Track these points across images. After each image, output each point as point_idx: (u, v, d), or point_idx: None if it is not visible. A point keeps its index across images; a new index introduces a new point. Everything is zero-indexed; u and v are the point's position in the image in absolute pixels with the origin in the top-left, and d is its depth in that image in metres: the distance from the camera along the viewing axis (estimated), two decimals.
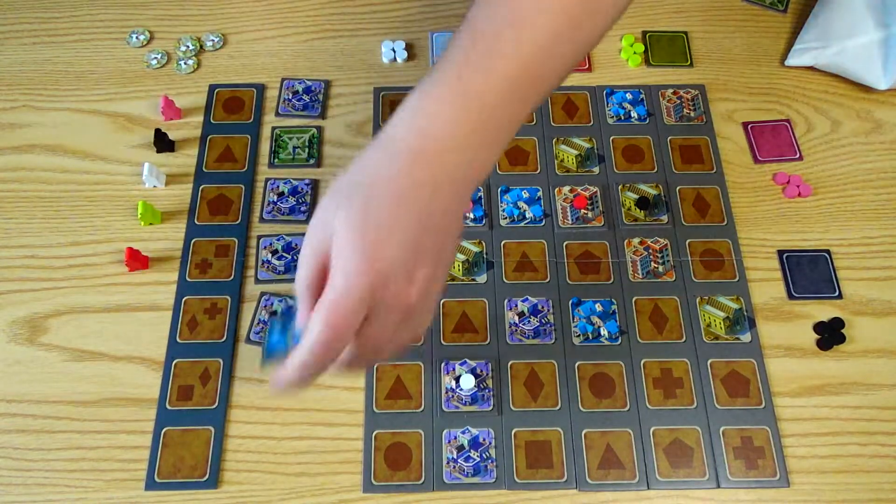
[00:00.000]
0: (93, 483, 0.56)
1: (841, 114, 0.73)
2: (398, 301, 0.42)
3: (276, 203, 0.68)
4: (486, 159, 0.46)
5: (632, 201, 0.67)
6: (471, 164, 0.44)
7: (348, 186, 0.44)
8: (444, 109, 0.44)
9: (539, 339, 0.61)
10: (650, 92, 0.74)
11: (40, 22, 0.79)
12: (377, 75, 0.76)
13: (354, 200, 0.43)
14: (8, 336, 0.61)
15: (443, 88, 0.45)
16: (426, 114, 0.45)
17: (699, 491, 0.56)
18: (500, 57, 0.44)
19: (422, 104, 0.45)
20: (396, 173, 0.43)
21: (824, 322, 0.62)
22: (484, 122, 0.44)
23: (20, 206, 0.68)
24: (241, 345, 0.61)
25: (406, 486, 0.55)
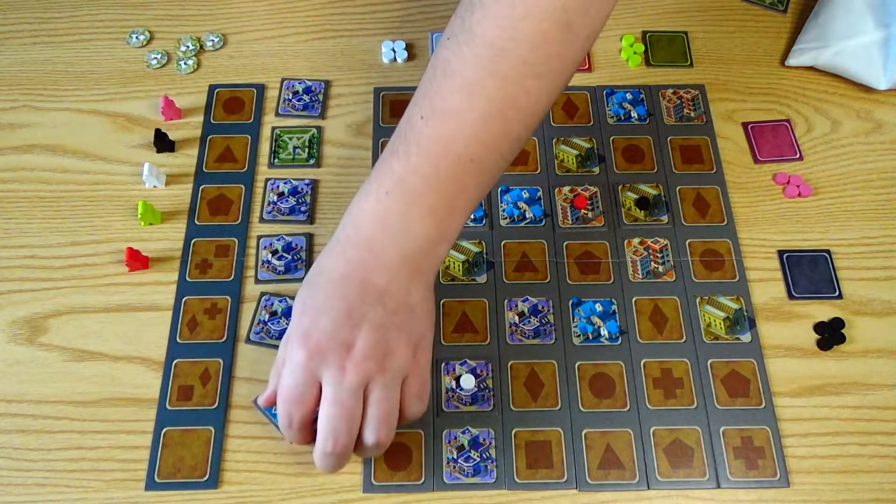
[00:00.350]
0: (93, 483, 0.56)
1: (841, 114, 0.73)
2: (342, 362, 0.48)
3: (276, 203, 0.68)
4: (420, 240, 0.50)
5: (632, 201, 0.67)
6: (403, 242, 0.50)
7: (305, 281, 0.52)
8: (368, 199, 0.51)
9: (539, 339, 0.61)
10: (650, 92, 0.74)
11: (40, 22, 0.79)
12: (377, 75, 0.76)
13: (304, 290, 0.52)
14: (8, 336, 0.61)
15: (380, 173, 0.51)
16: (357, 208, 0.51)
17: (699, 491, 0.56)
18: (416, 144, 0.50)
19: (356, 201, 0.52)
20: (332, 264, 0.51)
21: (824, 322, 0.62)
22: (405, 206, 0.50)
23: (20, 206, 0.68)
24: (241, 345, 0.61)
25: (406, 486, 0.55)
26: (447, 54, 0.51)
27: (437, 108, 0.50)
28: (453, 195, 0.50)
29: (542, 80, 0.51)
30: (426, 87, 0.51)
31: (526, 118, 0.51)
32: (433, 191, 0.50)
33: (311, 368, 0.49)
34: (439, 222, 0.51)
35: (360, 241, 0.50)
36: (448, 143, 0.50)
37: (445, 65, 0.50)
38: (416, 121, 0.50)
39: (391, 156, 0.51)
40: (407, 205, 0.50)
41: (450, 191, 0.50)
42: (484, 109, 0.49)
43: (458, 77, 0.50)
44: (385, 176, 0.51)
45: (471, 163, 0.50)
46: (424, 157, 0.50)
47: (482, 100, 0.49)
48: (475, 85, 0.49)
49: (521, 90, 0.50)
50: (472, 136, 0.50)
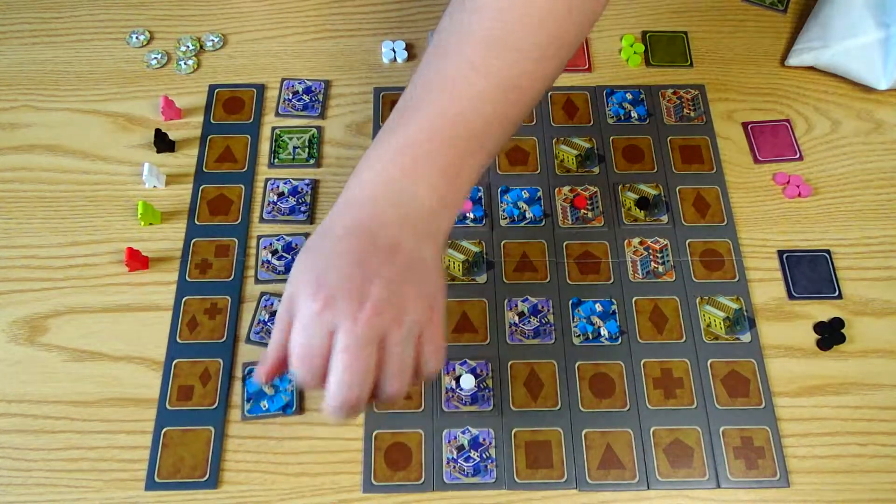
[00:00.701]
0: (93, 483, 0.56)
1: (841, 114, 0.73)
2: (354, 315, 0.45)
3: (276, 203, 0.68)
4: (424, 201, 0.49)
5: (632, 201, 0.67)
6: (407, 204, 0.49)
7: (305, 246, 0.50)
8: (369, 170, 0.50)
9: (539, 339, 0.61)
10: (650, 92, 0.74)
11: (40, 22, 0.79)
12: (377, 75, 0.76)
13: (304, 254, 0.49)
14: (8, 336, 0.61)
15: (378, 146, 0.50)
16: (363, 166, 0.50)
17: (699, 491, 0.56)
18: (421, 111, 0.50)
19: (355, 172, 0.50)
20: (335, 221, 0.49)
21: (824, 322, 0.62)
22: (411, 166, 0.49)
23: (20, 206, 0.68)
24: (241, 345, 0.61)
25: (406, 486, 0.55)
26: (444, 33, 0.51)
27: (436, 82, 0.50)
28: (458, 160, 0.50)
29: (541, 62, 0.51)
30: (424, 67, 0.52)
31: (527, 96, 0.52)
32: (437, 154, 0.49)
33: (325, 320, 0.45)
34: (444, 187, 0.50)
35: (364, 201, 0.49)
36: (446, 114, 0.50)
37: (445, 40, 0.51)
38: (418, 92, 0.51)
39: (391, 127, 0.51)
40: (408, 172, 0.49)
41: (454, 155, 0.50)
42: (483, 84, 0.50)
43: (456, 55, 0.50)
44: (390, 140, 0.50)
45: (470, 135, 0.50)
46: (424, 128, 0.49)
47: (483, 76, 0.50)
48: (474, 58, 0.50)
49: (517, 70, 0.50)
50: (471, 108, 0.50)
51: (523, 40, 0.50)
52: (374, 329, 0.46)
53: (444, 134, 0.50)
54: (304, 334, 0.46)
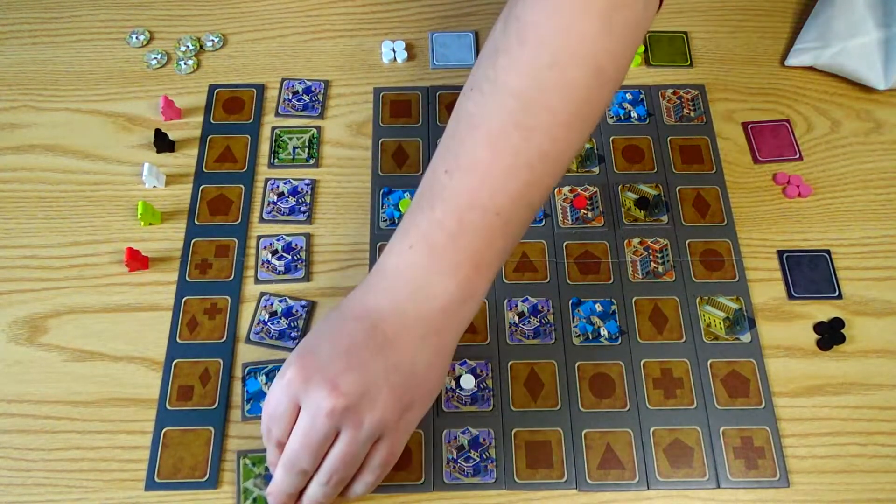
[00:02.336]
0: (93, 483, 0.56)
1: (841, 114, 0.73)
2: (321, 399, 0.46)
3: (276, 203, 0.68)
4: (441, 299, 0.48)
5: (632, 201, 0.67)
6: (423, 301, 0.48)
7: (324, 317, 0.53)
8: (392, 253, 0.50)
9: (539, 339, 0.61)
10: (650, 92, 0.74)
11: (40, 22, 0.79)
12: (377, 75, 0.76)
13: (318, 324, 0.52)
14: (8, 336, 0.61)
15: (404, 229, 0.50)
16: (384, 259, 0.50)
17: (699, 491, 0.56)
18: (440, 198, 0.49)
19: (384, 252, 0.51)
20: (352, 302, 0.50)
21: (824, 322, 0.62)
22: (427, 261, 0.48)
23: (20, 206, 0.68)
24: (241, 345, 0.61)
25: (406, 486, 0.55)
26: (470, 106, 0.49)
27: (462, 162, 0.48)
28: (479, 250, 0.48)
29: (571, 129, 0.48)
30: (449, 141, 0.49)
31: (554, 167, 0.49)
32: (457, 246, 0.48)
33: (295, 391, 0.47)
34: (464, 279, 0.48)
35: (380, 290, 0.49)
36: (472, 196, 0.48)
37: (469, 117, 0.49)
38: (441, 175, 0.49)
39: (416, 209, 0.49)
40: (430, 259, 0.48)
41: (475, 246, 0.48)
42: (510, 161, 0.47)
43: (483, 129, 0.48)
44: (410, 229, 0.49)
45: (497, 216, 0.48)
46: (448, 212, 0.48)
47: (508, 152, 0.47)
48: (500, 137, 0.47)
49: (548, 140, 0.48)
50: (498, 188, 0.48)
51: (554, 105, 0.47)
52: (332, 419, 0.47)
53: (470, 218, 0.48)
54: (276, 393, 0.48)
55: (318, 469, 0.49)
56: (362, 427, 0.47)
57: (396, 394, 0.48)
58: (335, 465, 0.48)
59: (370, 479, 0.50)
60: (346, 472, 0.49)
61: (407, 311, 0.48)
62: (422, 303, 0.48)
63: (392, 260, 0.49)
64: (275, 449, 0.49)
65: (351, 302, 0.50)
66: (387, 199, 0.68)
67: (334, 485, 0.49)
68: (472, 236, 0.48)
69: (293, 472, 0.49)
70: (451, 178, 0.48)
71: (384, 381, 0.47)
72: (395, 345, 0.48)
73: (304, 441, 0.47)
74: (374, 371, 0.47)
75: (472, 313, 0.50)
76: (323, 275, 0.64)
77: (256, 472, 0.56)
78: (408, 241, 0.49)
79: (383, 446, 0.49)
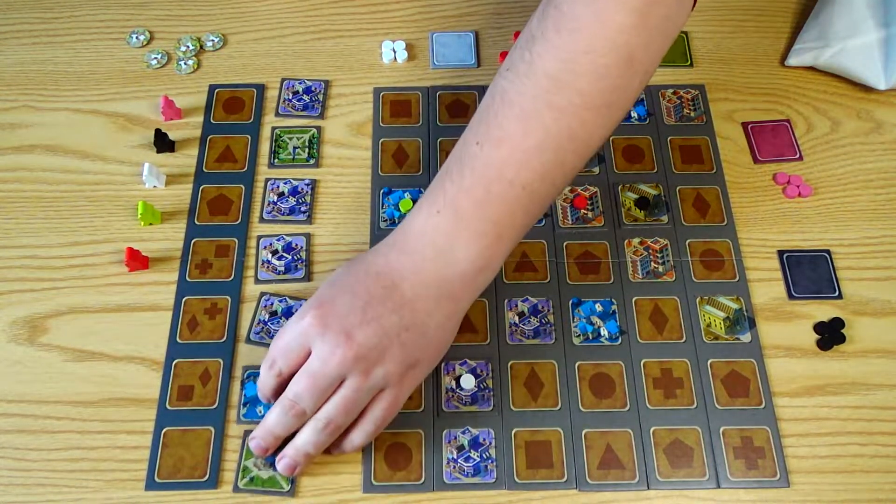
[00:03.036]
0: (93, 483, 0.56)
1: (841, 114, 0.73)
2: (335, 346, 0.49)
3: (276, 203, 0.68)
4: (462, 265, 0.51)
5: (632, 201, 0.67)
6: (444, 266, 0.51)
7: (341, 267, 0.54)
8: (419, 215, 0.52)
9: (539, 339, 0.61)
10: (650, 92, 0.74)
11: (40, 22, 0.79)
12: (377, 75, 0.76)
13: (335, 275, 0.53)
14: (8, 336, 0.61)
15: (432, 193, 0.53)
16: (409, 222, 0.53)
17: (699, 491, 0.56)
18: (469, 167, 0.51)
19: (409, 215, 0.53)
20: (374, 258, 0.53)
21: (824, 322, 0.62)
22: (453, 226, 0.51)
23: (20, 206, 0.68)
24: (241, 345, 0.61)
25: (406, 486, 0.55)
26: (505, 84, 0.51)
27: (493, 134, 0.51)
28: (502, 221, 0.51)
29: (600, 113, 0.51)
30: (483, 114, 0.52)
31: (580, 149, 0.52)
32: (482, 214, 0.51)
33: (309, 334, 0.50)
34: (485, 248, 0.51)
35: (404, 250, 0.52)
36: (501, 168, 0.50)
37: (503, 94, 0.51)
38: (472, 145, 0.51)
39: (445, 176, 0.52)
40: (455, 225, 0.51)
41: (499, 216, 0.51)
42: (539, 139, 0.50)
43: (516, 106, 0.50)
44: (437, 195, 0.52)
45: (522, 190, 0.51)
46: (477, 180, 0.50)
47: (538, 130, 0.50)
48: (532, 115, 0.50)
49: (577, 122, 0.50)
50: (526, 163, 0.50)
51: (585, 89, 0.50)
52: (342, 367, 0.49)
53: (497, 189, 0.50)
54: (290, 333, 0.51)
55: (316, 414, 0.51)
56: (369, 377, 0.50)
57: (406, 351, 0.51)
58: (336, 410, 0.50)
59: (370, 429, 0.52)
60: (345, 418, 0.51)
61: (427, 274, 0.51)
62: (442, 267, 0.51)
63: (418, 222, 0.52)
64: (273, 378, 0.52)
65: (373, 258, 0.52)
66: (387, 199, 0.68)
67: (330, 432, 0.51)
68: (497, 206, 0.51)
69: (290, 413, 0.51)
70: (481, 149, 0.51)
71: (396, 337, 0.50)
72: (412, 305, 0.51)
73: (309, 381, 0.50)
74: (388, 327, 0.50)
75: (486, 283, 0.53)
76: (323, 275, 0.64)
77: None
78: (435, 205, 0.51)
79: (386, 397, 0.52)
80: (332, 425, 0.51)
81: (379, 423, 0.53)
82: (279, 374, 0.51)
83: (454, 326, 0.54)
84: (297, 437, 0.52)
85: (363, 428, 0.53)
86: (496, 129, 0.51)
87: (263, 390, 0.53)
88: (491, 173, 0.50)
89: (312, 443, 0.51)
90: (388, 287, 0.51)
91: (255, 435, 0.53)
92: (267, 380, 0.52)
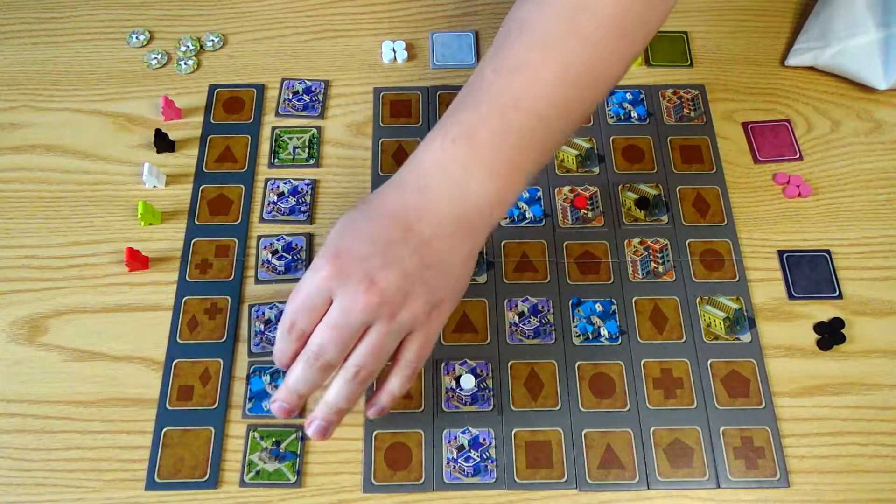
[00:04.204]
0: (93, 483, 0.56)
1: (841, 114, 0.73)
2: (357, 293, 0.47)
3: (276, 203, 0.68)
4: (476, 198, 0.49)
5: (632, 201, 0.67)
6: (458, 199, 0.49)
7: (347, 214, 0.51)
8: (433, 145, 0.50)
9: (539, 339, 0.61)
10: (650, 92, 0.74)
11: (40, 22, 0.79)
12: (377, 75, 0.76)
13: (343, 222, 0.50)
14: (8, 336, 0.61)
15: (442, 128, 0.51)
16: (421, 154, 0.51)
17: (699, 491, 0.56)
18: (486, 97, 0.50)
19: (421, 147, 0.51)
20: (385, 199, 0.50)
21: (824, 322, 0.62)
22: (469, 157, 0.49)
23: (20, 206, 0.68)
24: (240, 345, 0.61)
25: (406, 486, 0.55)
26: (522, 13, 0.50)
27: (510, 63, 0.49)
28: (518, 153, 0.50)
29: (621, 43, 0.50)
30: (499, 44, 0.50)
31: (598, 82, 0.51)
32: (498, 144, 0.49)
33: (329, 286, 0.48)
34: (500, 181, 0.49)
35: (418, 188, 0.50)
36: (518, 97, 0.49)
37: (521, 23, 0.50)
38: (488, 74, 0.50)
39: (459, 105, 0.50)
40: (471, 155, 0.49)
41: (515, 147, 0.49)
42: (557, 68, 0.49)
43: (534, 35, 0.49)
44: (452, 124, 0.50)
45: (539, 121, 0.49)
46: (493, 109, 0.49)
47: (558, 58, 0.49)
48: (551, 42, 0.49)
49: (595, 51, 0.49)
50: (543, 94, 0.49)
51: (607, 15, 0.49)
52: (367, 314, 0.47)
53: (515, 119, 0.49)
54: (309, 286, 0.48)
55: (344, 364, 0.49)
56: (395, 320, 0.48)
57: (430, 290, 0.49)
58: (364, 357, 0.48)
59: (407, 373, 0.51)
60: (375, 364, 0.49)
61: (443, 211, 0.49)
62: (458, 202, 0.49)
63: (432, 153, 0.50)
64: (294, 342, 0.49)
65: (386, 199, 0.50)
66: None
67: (361, 379, 0.49)
68: (514, 136, 0.49)
69: (315, 366, 0.48)
70: (498, 77, 0.49)
71: (418, 278, 0.48)
72: (431, 244, 0.49)
73: (334, 332, 0.48)
74: (409, 269, 0.48)
75: (500, 219, 0.51)
76: None
77: (263, 446, 0.56)
78: (450, 135, 0.49)
79: (416, 338, 0.50)
80: (363, 372, 0.49)
81: (414, 366, 0.51)
82: (301, 335, 0.49)
83: (472, 263, 0.52)
84: (326, 393, 0.50)
85: (399, 373, 0.51)
86: (513, 57, 0.49)
87: (282, 357, 0.50)
88: (508, 101, 0.49)
89: (344, 395, 0.49)
90: (404, 228, 0.49)
91: (276, 398, 0.50)
92: (285, 345, 0.50)
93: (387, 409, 0.52)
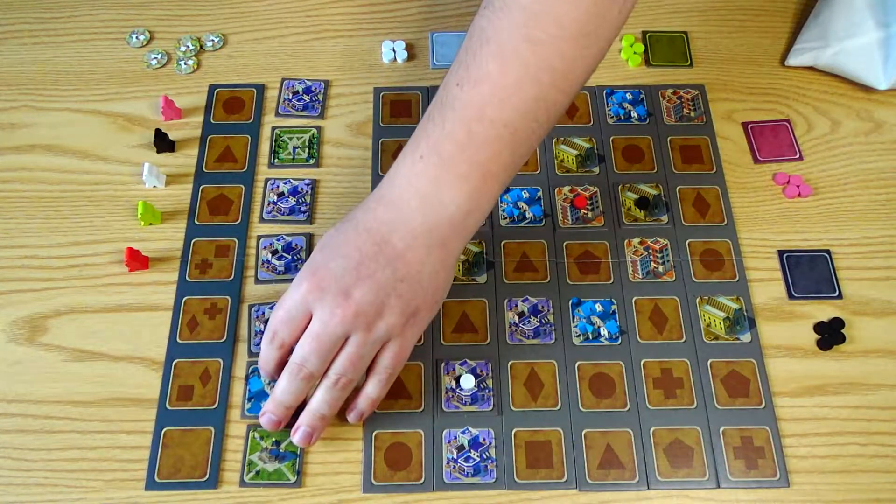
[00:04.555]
0: (93, 483, 0.56)
1: (841, 114, 0.73)
2: (334, 307, 0.50)
3: (276, 203, 0.68)
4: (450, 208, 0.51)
5: (632, 201, 0.67)
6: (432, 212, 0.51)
7: (329, 232, 0.53)
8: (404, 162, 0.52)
9: (539, 339, 0.61)
10: (650, 92, 0.74)
11: (40, 22, 0.79)
12: (377, 75, 0.76)
13: (325, 238, 0.53)
14: (8, 336, 0.61)
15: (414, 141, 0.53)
16: (394, 170, 0.53)
17: (699, 491, 0.56)
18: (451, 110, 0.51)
19: (395, 163, 0.53)
20: (362, 216, 0.53)
21: (824, 322, 0.62)
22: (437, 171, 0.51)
23: (20, 206, 0.68)
24: (240, 345, 0.61)
25: (406, 486, 0.55)
26: (482, 22, 0.51)
27: (472, 74, 0.50)
28: (486, 162, 0.51)
29: (578, 44, 0.50)
30: (462, 55, 0.52)
31: (562, 83, 0.51)
32: (466, 156, 0.50)
33: (308, 301, 0.51)
34: (471, 190, 0.51)
35: (391, 202, 0.52)
36: (481, 107, 0.50)
37: (480, 32, 0.51)
38: (452, 87, 0.51)
39: (427, 121, 0.52)
40: (439, 169, 0.51)
41: (483, 157, 0.51)
42: (518, 75, 0.49)
43: (493, 43, 0.50)
44: (420, 140, 0.52)
45: (504, 128, 0.50)
46: (458, 122, 0.50)
47: (516, 65, 0.49)
48: (509, 50, 0.49)
49: (555, 53, 0.50)
50: (506, 100, 0.50)
51: (561, 19, 0.49)
52: (345, 326, 0.50)
53: (479, 129, 0.50)
54: (289, 301, 0.51)
55: (325, 374, 0.52)
56: (372, 331, 0.51)
57: (404, 302, 0.51)
58: (344, 366, 0.51)
59: (382, 377, 0.53)
60: (354, 372, 0.52)
61: (415, 224, 0.51)
62: (429, 214, 0.51)
63: (403, 170, 0.52)
64: (276, 351, 0.52)
65: (361, 214, 0.53)
66: None
67: (342, 386, 0.52)
68: (480, 147, 0.50)
69: (298, 377, 0.51)
70: (461, 91, 0.50)
71: (393, 290, 0.51)
72: (404, 257, 0.51)
73: (314, 344, 0.50)
74: (383, 282, 0.50)
75: (476, 226, 0.53)
76: None
77: (263, 446, 0.56)
78: (418, 151, 0.51)
79: (392, 347, 0.53)
80: (342, 380, 0.52)
81: (390, 371, 0.53)
82: (281, 345, 0.52)
83: (448, 273, 0.54)
84: (309, 402, 0.53)
85: (375, 378, 0.53)
86: (475, 68, 0.50)
87: (266, 366, 0.54)
88: (471, 114, 0.50)
89: (326, 401, 0.52)
90: (378, 242, 0.51)
91: (265, 410, 0.53)
92: (269, 354, 0.53)
93: (366, 412, 0.55)
